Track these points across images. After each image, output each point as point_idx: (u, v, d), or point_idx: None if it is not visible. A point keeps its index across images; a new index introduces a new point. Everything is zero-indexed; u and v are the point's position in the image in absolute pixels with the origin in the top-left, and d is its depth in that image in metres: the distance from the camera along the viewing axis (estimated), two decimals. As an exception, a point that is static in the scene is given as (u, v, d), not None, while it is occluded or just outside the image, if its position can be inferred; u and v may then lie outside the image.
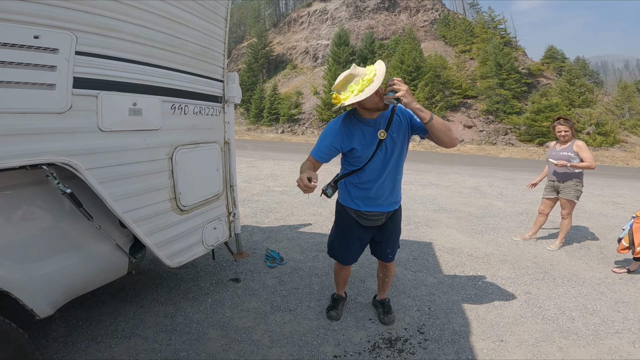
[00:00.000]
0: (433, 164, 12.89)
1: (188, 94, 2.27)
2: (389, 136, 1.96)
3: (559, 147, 3.90)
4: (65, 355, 2.06)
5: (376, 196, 2.10)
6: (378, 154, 1.99)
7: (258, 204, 5.76)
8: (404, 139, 2.02)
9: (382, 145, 1.97)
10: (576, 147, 3.76)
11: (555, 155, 3.88)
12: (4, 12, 1.34)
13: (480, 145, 23.39)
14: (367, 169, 2.03)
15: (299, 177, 1.72)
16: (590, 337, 2.37)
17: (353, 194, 2.15)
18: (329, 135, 1.99)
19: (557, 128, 3.90)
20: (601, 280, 3.24)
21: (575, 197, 3.84)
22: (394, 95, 1.72)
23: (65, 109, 1.56)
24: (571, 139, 3.86)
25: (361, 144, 1.97)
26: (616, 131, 22.65)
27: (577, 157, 3.74)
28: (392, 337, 2.33)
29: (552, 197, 4.05)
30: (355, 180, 2.10)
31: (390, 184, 2.09)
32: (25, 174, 1.59)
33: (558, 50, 32.20)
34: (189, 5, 2.19)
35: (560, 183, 3.91)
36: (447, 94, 27.27)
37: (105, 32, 1.70)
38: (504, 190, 7.51)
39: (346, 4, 41.04)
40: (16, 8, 1.38)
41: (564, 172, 3.83)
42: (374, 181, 2.05)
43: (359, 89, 1.73)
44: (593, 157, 3.73)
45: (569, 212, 3.93)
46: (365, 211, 2.14)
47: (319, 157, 2.01)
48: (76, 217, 1.79)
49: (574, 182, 3.83)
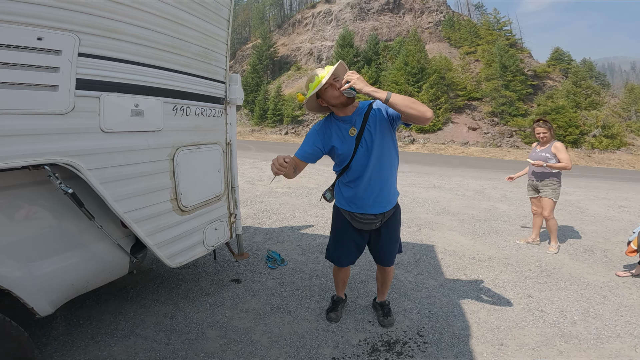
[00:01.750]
0: (436, 166, 12.86)
1: (190, 96, 2.28)
2: (367, 131, 2.03)
3: (539, 148, 4.06)
4: (64, 354, 2.08)
5: (365, 195, 2.11)
6: (359, 150, 2.05)
7: (260, 205, 5.78)
8: (383, 132, 2.04)
9: (361, 141, 2.04)
10: (554, 149, 3.91)
11: (534, 155, 4.05)
12: (7, 13, 1.36)
13: (484, 147, 23.30)
14: (353, 166, 2.09)
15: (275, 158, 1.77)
16: (591, 341, 2.35)
17: (345, 194, 2.20)
18: (312, 136, 2.12)
19: (536, 130, 4.07)
20: (604, 283, 3.22)
21: (553, 195, 3.96)
22: (348, 85, 1.85)
23: (67, 110, 1.58)
24: (550, 141, 3.99)
25: (340, 141, 2.06)
26: (622, 134, 22.47)
27: (555, 158, 3.88)
28: (391, 339, 2.32)
29: (536, 196, 4.18)
30: (345, 180, 2.17)
31: (378, 181, 2.10)
32: (27, 174, 1.61)
33: (564, 52, 32.06)
34: (191, 7, 2.20)
35: (538, 182, 4.07)
36: (451, 96, 27.19)
37: (107, 33, 1.72)
38: (508, 193, 7.47)
39: (351, 5, 41.14)
40: (20, 10, 1.39)
41: (541, 171, 4.00)
42: (361, 178, 2.09)
43: (316, 82, 1.92)
44: (570, 159, 3.87)
45: (550, 212, 4.00)
46: (357, 213, 2.17)
47: (301, 155, 2.10)
48: (78, 216, 1.81)
49: (552, 181, 3.97)
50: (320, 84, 1.90)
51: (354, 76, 1.84)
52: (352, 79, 1.84)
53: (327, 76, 1.90)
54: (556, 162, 3.86)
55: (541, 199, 4.06)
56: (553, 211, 4.02)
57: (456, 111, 26.99)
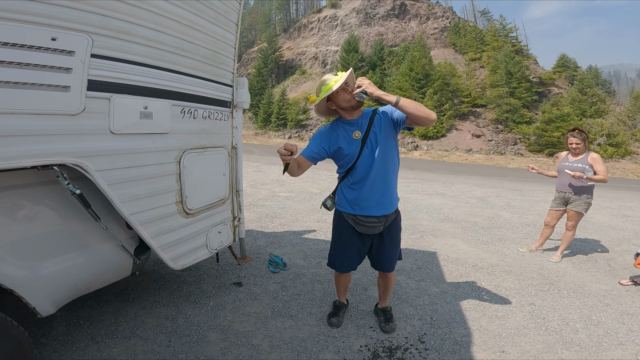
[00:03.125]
0: (440, 173, 12.83)
1: (198, 99, 2.30)
2: (372, 132, 2.13)
3: (572, 158, 3.83)
4: (63, 354, 2.07)
5: (369, 196, 2.16)
6: (365, 151, 2.13)
7: (263, 209, 5.79)
8: (387, 135, 2.15)
9: (367, 142, 2.13)
10: (591, 160, 3.69)
11: (569, 166, 3.79)
12: (23, 13, 1.36)
13: (488, 155, 23.20)
14: (358, 166, 2.15)
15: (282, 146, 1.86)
16: (593, 349, 2.34)
17: (348, 197, 2.22)
18: (318, 137, 2.20)
19: (569, 140, 3.84)
20: (607, 292, 3.20)
21: (584, 209, 3.80)
22: (359, 90, 1.97)
23: (78, 111, 1.59)
24: (584, 152, 3.80)
25: (346, 142, 2.14)
26: (628, 142, 22.29)
27: (592, 170, 3.67)
28: (393, 345, 2.32)
29: (561, 209, 3.99)
30: (349, 182, 2.20)
31: (381, 182, 2.15)
32: (35, 174, 1.62)
33: (570, 59, 31.88)
34: (201, 10, 2.23)
35: (572, 195, 3.84)
36: (456, 103, 27.13)
37: (119, 35, 1.73)
38: (511, 201, 7.44)
39: (356, 10, 41.31)
40: (36, 9, 1.40)
41: (580, 185, 3.76)
42: (365, 179, 2.15)
43: (329, 86, 2.03)
44: (606, 171, 3.68)
45: (575, 224, 3.90)
46: (361, 216, 2.19)
47: (307, 154, 2.16)
48: (83, 217, 1.82)
49: (587, 194, 3.78)
50: (333, 88, 2.01)
51: (365, 81, 1.97)
52: (363, 83, 1.96)
53: (341, 80, 2.01)
54: (593, 174, 3.65)
55: (569, 211, 3.87)
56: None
57: (460, 118, 26.90)
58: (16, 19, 1.35)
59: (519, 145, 24.44)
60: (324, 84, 2.08)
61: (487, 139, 25.32)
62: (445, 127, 25.90)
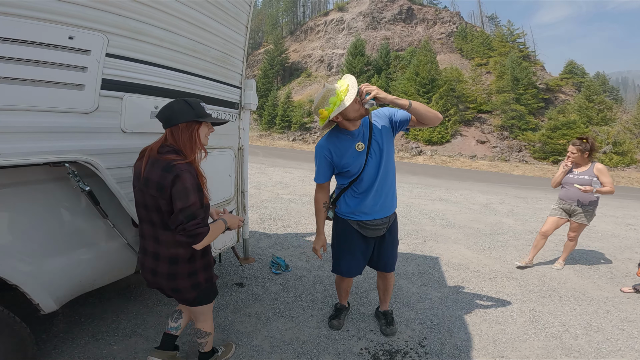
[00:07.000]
0: (443, 179, 12.82)
1: (207, 99, 2.33)
2: (374, 142, 2.08)
3: (577, 170, 3.66)
4: (63, 351, 2.09)
5: (374, 202, 2.15)
6: (369, 162, 2.09)
7: (266, 210, 5.83)
8: (387, 140, 2.13)
9: (370, 152, 2.08)
10: (597, 171, 3.55)
11: (577, 179, 3.62)
12: (42, 11, 1.39)
13: (493, 161, 23.12)
14: (364, 178, 2.11)
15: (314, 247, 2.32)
16: (592, 355, 2.35)
17: (352, 205, 2.20)
18: (322, 158, 2.13)
19: (568, 147, 3.72)
20: (608, 299, 3.20)
21: (588, 220, 3.71)
22: (370, 96, 1.88)
23: (92, 109, 1.62)
24: (588, 162, 3.66)
25: (352, 158, 2.08)
26: (633, 151, 22.12)
27: (599, 182, 3.51)
28: (393, 349, 2.34)
29: (563, 219, 3.83)
30: (354, 192, 2.17)
31: (384, 188, 2.16)
32: (45, 170, 1.64)
33: (578, 65, 31.64)
34: (212, 11, 2.25)
35: (577, 207, 3.71)
36: (461, 108, 27.07)
37: (134, 35, 1.75)
38: (515, 208, 7.42)
39: (363, 14, 41.42)
40: (54, 8, 1.42)
41: (589, 200, 3.62)
42: (370, 188, 2.13)
43: (340, 98, 1.90)
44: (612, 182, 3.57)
45: (578, 234, 3.84)
46: (367, 220, 2.19)
47: (326, 178, 2.18)
48: (90, 214, 1.84)
49: (592, 206, 3.67)
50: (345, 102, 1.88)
51: (373, 88, 1.90)
52: (371, 90, 1.89)
53: (353, 92, 1.90)
54: (600, 186, 3.49)
55: (573, 222, 3.76)
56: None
57: (465, 124, 26.83)
58: (35, 17, 1.37)
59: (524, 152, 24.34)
60: (330, 94, 1.93)
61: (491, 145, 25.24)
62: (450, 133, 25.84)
